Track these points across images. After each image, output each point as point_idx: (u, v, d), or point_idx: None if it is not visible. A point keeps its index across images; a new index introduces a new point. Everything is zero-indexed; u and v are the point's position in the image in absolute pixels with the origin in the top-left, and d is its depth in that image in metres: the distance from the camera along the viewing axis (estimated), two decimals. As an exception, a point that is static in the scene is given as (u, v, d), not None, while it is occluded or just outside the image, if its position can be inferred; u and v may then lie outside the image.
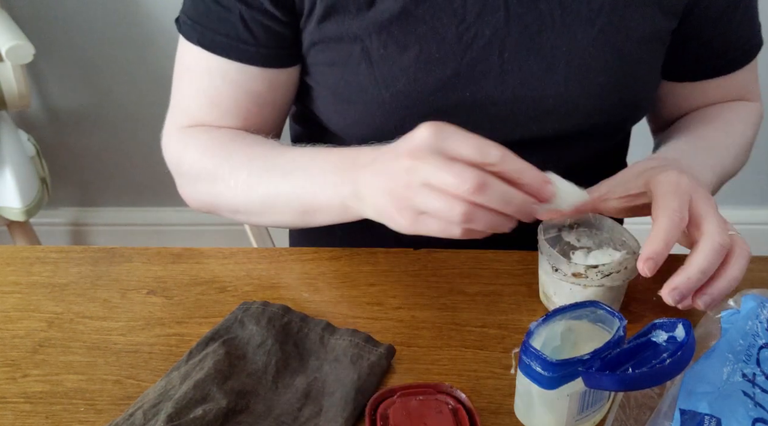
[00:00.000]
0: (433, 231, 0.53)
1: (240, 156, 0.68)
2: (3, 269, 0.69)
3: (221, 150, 0.69)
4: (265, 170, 0.66)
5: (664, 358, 0.44)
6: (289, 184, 0.64)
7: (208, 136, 0.71)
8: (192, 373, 0.54)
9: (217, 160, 0.69)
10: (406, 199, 0.52)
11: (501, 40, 0.67)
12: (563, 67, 0.68)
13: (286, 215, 0.66)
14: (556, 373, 0.47)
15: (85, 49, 1.69)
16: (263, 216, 0.68)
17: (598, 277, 0.58)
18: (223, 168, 0.68)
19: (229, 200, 0.68)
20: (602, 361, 0.47)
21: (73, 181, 1.90)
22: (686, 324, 0.46)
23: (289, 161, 0.65)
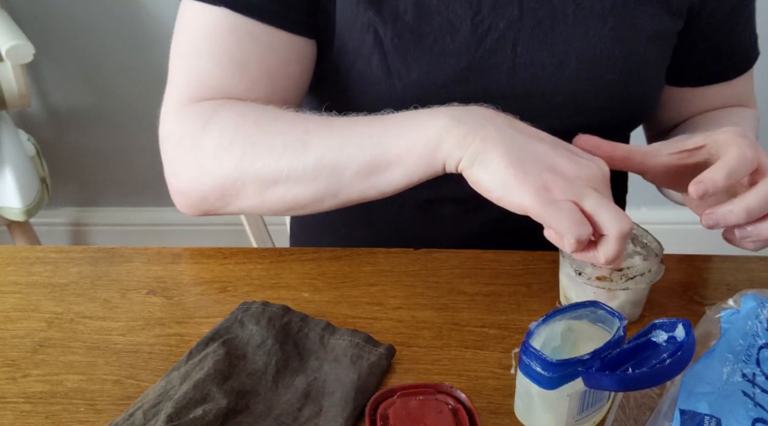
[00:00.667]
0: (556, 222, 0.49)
1: (287, 118, 0.60)
2: (3, 269, 0.68)
3: (261, 115, 0.61)
4: (325, 127, 0.58)
5: (664, 358, 0.44)
6: (356, 135, 0.56)
7: (242, 105, 0.62)
8: (192, 373, 0.54)
9: (257, 126, 0.60)
10: (571, 185, 0.50)
11: (514, 33, 0.67)
12: (574, 63, 0.68)
13: (346, 176, 0.57)
14: (556, 373, 0.47)
15: (85, 49, 1.69)
16: (315, 181, 0.58)
17: (623, 281, 0.57)
18: (264, 132, 0.59)
19: (269, 167, 0.58)
20: (602, 361, 0.47)
21: (73, 181, 1.90)
22: (686, 324, 0.46)
23: (352, 121, 0.59)
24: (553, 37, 0.67)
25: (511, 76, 0.68)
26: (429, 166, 0.54)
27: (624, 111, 0.73)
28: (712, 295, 0.66)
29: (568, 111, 0.70)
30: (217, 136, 0.61)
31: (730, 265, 0.70)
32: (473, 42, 0.67)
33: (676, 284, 0.67)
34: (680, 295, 0.66)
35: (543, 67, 0.68)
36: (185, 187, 0.64)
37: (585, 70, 0.68)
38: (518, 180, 0.49)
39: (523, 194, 0.49)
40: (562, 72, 0.68)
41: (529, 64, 0.68)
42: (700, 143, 0.56)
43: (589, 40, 0.67)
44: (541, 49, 0.67)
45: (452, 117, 0.53)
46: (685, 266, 0.70)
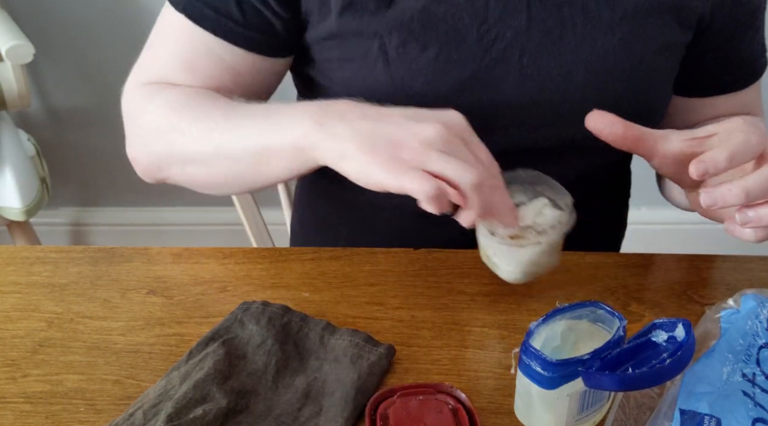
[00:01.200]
0: (410, 186, 0.52)
1: (206, 106, 0.66)
2: (3, 269, 0.68)
3: (188, 102, 0.67)
4: (227, 116, 0.64)
5: (664, 358, 0.44)
6: (244, 130, 0.62)
7: (179, 91, 0.69)
8: (192, 373, 0.54)
9: (181, 111, 0.67)
10: (418, 154, 0.53)
11: (522, 43, 0.66)
12: (582, 73, 0.67)
13: (238, 162, 0.63)
14: (556, 373, 0.47)
15: (85, 49, 1.69)
16: (214, 165, 0.65)
17: (534, 236, 0.59)
18: (183, 117, 0.66)
19: (183, 149, 0.66)
20: (602, 361, 0.47)
21: (73, 181, 1.90)
22: (686, 324, 0.46)
23: (256, 107, 0.64)
24: (561, 46, 0.67)
25: (518, 86, 0.68)
26: (306, 163, 0.59)
27: (631, 120, 0.72)
28: (711, 295, 0.66)
29: (574, 120, 0.69)
30: (153, 118, 0.68)
31: (730, 265, 0.70)
32: (479, 51, 0.66)
33: (676, 284, 0.67)
34: (680, 295, 0.66)
35: (550, 76, 0.67)
36: (134, 156, 0.73)
37: (592, 80, 0.68)
38: (371, 163, 0.53)
39: (378, 173, 0.53)
40: (569, 82, 0.68)
41: (536, 73, 0.67)
42: (712, 132, 0.56)
43: (597, 50, 0.67)
44: (549, 59, 0.67)
45: (312, 120, 0.57)
46: (685, 266, 0.70)
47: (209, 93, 0.68)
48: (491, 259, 0.62)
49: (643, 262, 0.69)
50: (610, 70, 0.68)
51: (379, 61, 0.67)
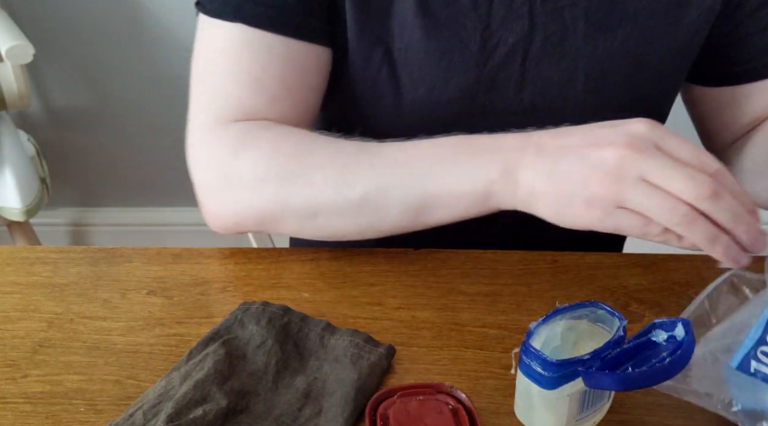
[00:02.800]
0: (627, 228, 0.50)
1: (325, 150, 0.59)
2: (3, 269, 0.68)
3: (296, 144, 0.60)
4: (367, 163, 0.58)
5: (664, 357, 0.44)
6: (403, 175, 0.56)
7: (274, 131, 0.62)
8: (192, 373, 0.54)
9: (294, 155, 0.59)
10: (611, 189, 0.49)
11: (524, 48, 0.66)
12: (582, 77, 0.67)
13: (391, 213, 0.58)
14: (556, 373, 0.47)
15: (85, 49, 1.69)
16: (357, 216, 0.59)
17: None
18: (302, 163, 0.59)
19: (309, 202, 0.59)
20: (602, 361, 0.47)
21: (73, 181, 1.90)
22: (686, 323, 0.46)
23: (398, 151, 0.58)
24: (562, 51, 0.66)
25: (519, 91, 0.67)
26: (480, 211, 0.57)
27: None
28: (712, 295, 0.66)
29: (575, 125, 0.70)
30: (251, 166, 0.60)
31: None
32: (482, 57, 0.66)
33: (676, 284, 0.67)
34: (680, 295, 0.66)
35: (551, 82, 0.67)
36: (220, 212, 0.64)
37: (593, 85, 0.67)
38: (566, 206, 0.52)
39: (579, 216, 0.52)
40: (570, 87, 0.67)
41: (537, 78, 0.67)
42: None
43: (597, 55, 0.66)
44: (550, 64, 0.67)
45: (496, 169, 0.54)
46: (685, 266, 0.70)
47: (313, 133, 0.62)
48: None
49: (643, 262, 0.69)
50: (611, 74, 0.67)
51: (384, 67, 0.66)
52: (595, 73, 0.67)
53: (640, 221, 0.50)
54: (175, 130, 2.00)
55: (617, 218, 0.50)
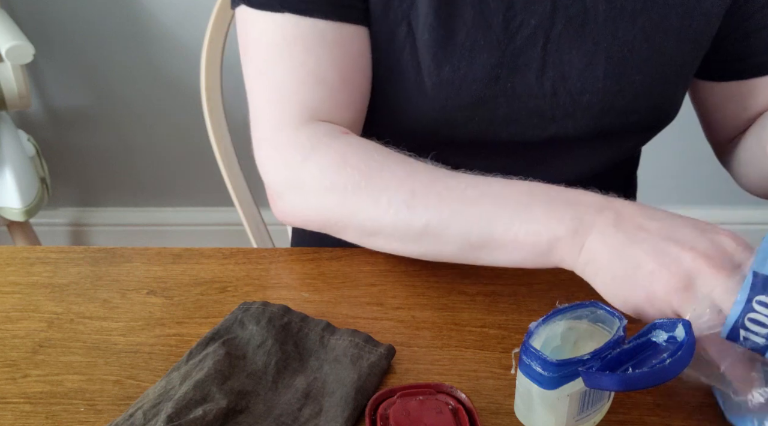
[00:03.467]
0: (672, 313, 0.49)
1: (395, 171, 0.59)
2: (3, 269, 0.69)
3: (366, 158, 0.60)
4: (435, 192, 0.57)
5: (664, 358, 0.44)
6: (469, 213, 0.56)
7: (345, 141, 0.62)
8: (192, 374, 0.54)
9: (361, 172, 0.59)
10: (674, 297, 0.48)
11: (545, 31, 0.66)
12: (603, 62, 0.67)
13: (448, 248, 0.58)
14: (556, 373, 0.47)
15: (85, 49, 1.69)
16: (416, 244, 0.59)
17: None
18: (370, 182, 0.59)
19: (371, 220, 0.59)
20: (602, 361, 0.47)
21: (73, 181, 1.90)
22: (686, 324, 0.46)
23: (470, 186, 0.57)
24: (583, 35, 0.67)
25: (540, 75, 0.68)
26: (538, 264, 0.55)
27: (649, 114, 0.72)
28: (712, 295, 0.65)
29: (594, 111, 0.70)
30: (318, 175, 0.61)
31: (730, 265, 0.70)
32: (504, 39, 0.66)
33: (676, 284, 0.67)
34: (680, 295, 0.66)
35: (572, 65, 0.67)
36: (288, 213, 0.65)
37: (613, 70, 0.68)
38: (623, 292, 0.51)
39: (630, 306, 0.51)
40: (590, 72, 0.68)
41: (557, 62, 0.67)
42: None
43: (618, 40, 0.67)
44: (571, 48, 0.67)
45: (565, 225, 0.53)
46: (685, 266, 0.70)
47: (382, 148, 0.62)
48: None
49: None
50: (630, 59, 0.68)
51: (406, 47, 0.66)
52: (614, 59, 0.67)
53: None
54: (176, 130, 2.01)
55: (662, 313, 0.50)
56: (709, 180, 1.69)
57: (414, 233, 0.58)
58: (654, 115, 0.73)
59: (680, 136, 1.18)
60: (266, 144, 0.65)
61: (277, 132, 0.64)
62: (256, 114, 0.66)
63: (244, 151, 1.02)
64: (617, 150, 0.78)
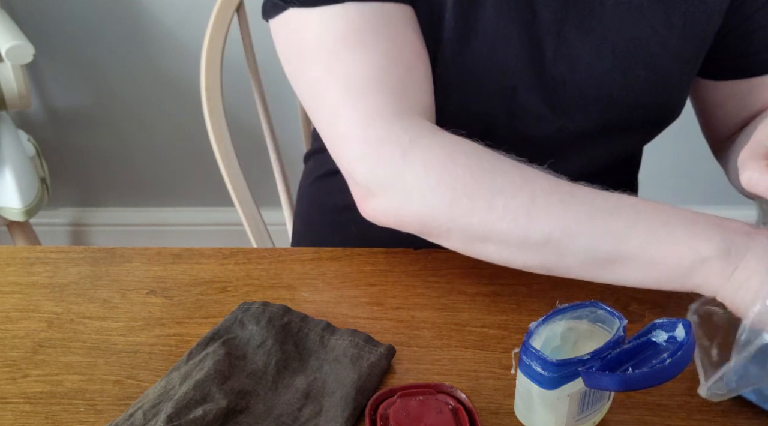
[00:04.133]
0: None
1: (510, 174, 0.55)
2: (3, 269, 0.69)
3: (476, 161, 0.56)
4: (558, 199, 0.53)
5: (664, 358, 0.44)
6: (599, 225, 0.52)
7: (448, 139, 0.58)
8: (192, 374, 0.54)
9: (471, 172, 0.55)
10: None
11: (558, 23, 0.67)
12: (609, 56, 0.68)
13: (570, 261, 0.54)
14: (556, 373, 0.47)
15: (85, 49, 1.69)
16: (533, 254, 0.55)
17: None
18: (482, 184, 0.55)
19: (483, 226, 0.54)
20: (602, 361, 0.47)
21: (73, 181, 1.90)
22: (686, 324, 0.46)
23: (599, 197, 0.53)
24: (592, 28, 0.67)
25: (551, 66, 0.68)
26: (672, 285, 0.52)
27: (653, 109, 0.73)
28: (712, 295, 0.66)
29: (600, 105, 0.70)
30: (423, 173, 0.56)
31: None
32: (522, 29, 0.66)
33: (676, 284, 0.67)
34: (680, 295, 0.65)
35: (580, 59, 0.68)
36: (382, 213, 0.60)
37: (619, 64, 0.68)
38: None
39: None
40: (598, 65, 0.68)
41: (567, 54, 0.68)
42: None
43: (625, 34, 0.68)
44: (580, 41, 0.68)
45: (715, 246, 0.49)
46: (685, 266, 0.70)
47: (486, 149, 0.57)
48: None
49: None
50: (637, 54, 0.68)
51: (431, 35, 0.65)
52: (621, 53, 0.68)
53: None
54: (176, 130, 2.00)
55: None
56: (709, 180, 1.69)
57: (533, 243, 0.54)
58: (658, 111, 0.74)
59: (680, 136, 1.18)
60: (354, 141, 0.59)
61: (366, 127, 0.58)
62: (333, 114, 0.60)
63: (244, 151, 1.02)
64: (621, 146, 0.78)
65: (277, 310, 0.60)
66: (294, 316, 0.60)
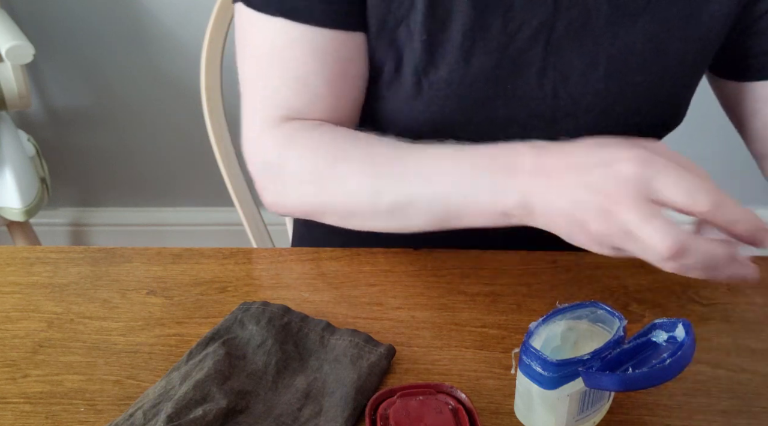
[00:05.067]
0: (632, 254, 0.50)
1: (359, 155, 0.63)
2: (3, 269, 0.69)
3: (334, 148, 0.64)
4: (396, 173, 0.60)
5: (664, 358, 0.44)
6: (429, 188, 0.59)
7: (318, 133, 0.65)
8: (192, 374, 0.54)
9: (330, 159, 0.63)
10: (603, 237, 0.50)
11: (546, 32, 0.66)
12: (604, 64, 0.67)
13: (419, 219, 0.61)
14: (556, 373, 0.47)
15: (85, 49, 1.69)
16: (389, 220, 0.62)
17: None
18: (338, 170, 0.63)
19: (345, 204, 0.63)
20: (602, 361, 0.47)
21: (73, 181, 1.90)
22: (686, 324, 0.46)
23: (424, 162, 0.60)
24: (584, 36, 0.66)
25: (541, 77, 0.67)
26: (499, 222, 0.57)
27: (653, 116, 0.71)
28: (712, 296, 0.66)
29: (595, 113, 0.69)
30: (294, 168, 0.65)
31: (730, 265, 0.69)
32: (503, 40, 0.65)
33: (676, 284, 0.67)
34: (680, 295, 0.66)
35: (572, 67, 0.67)
36: (273, 204, 0.68)
37: (614, 72, 0.67)
38: (575, 236, 0.52)
39: (587, 245, 0.52)
40: (591, 73, 0.67)
41: (558, 63, 0.67)
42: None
43: (619, 41, 0.66)
44: (572, 50, 0.66)
45: (513, 200, 0.54)
46: (685, 266, 0.70)
47: (352, 132, 0.65)
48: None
49: (644, 262, 0.69)
50: (633, 61, 0.67)
51: (406, 48, 0.66)
52: (616, 60, 0.67)
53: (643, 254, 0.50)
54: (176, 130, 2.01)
55: (619, 253, 0.51)
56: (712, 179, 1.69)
57: (384, 211, 0.61)
58: (658, 118, 0.72)
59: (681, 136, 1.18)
60: (252, 144, 0.68)
61: (261, 132, 0.67)
62: (245, 114, 0.69)
63: (244, 151, 1.02)
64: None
65: (277, 310, 0.60)
66: (294, 316, 0.60)
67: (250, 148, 0.69)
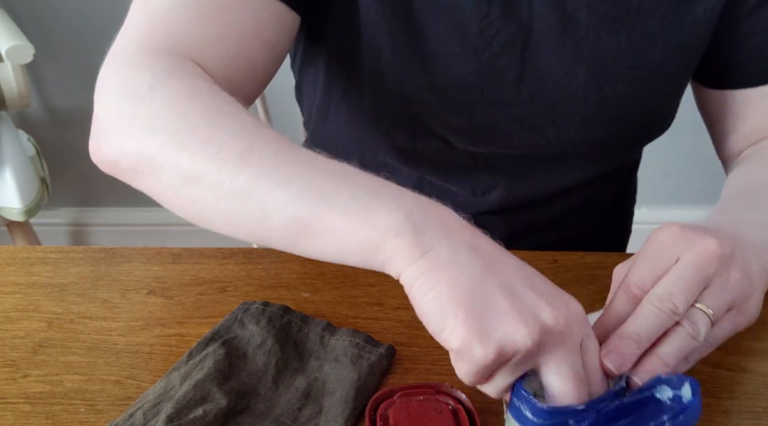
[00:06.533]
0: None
1: (242, 122, 0.51)
2: (3, 269, 0.68)
3: (216, 108, 0.52)
4: (275, 151, 0.49)
5: (663, 420, 0.41)
6: (303, 180, 0.47)
7: (203, 84, 0.53)
8: (192, 374, 0.54)
9: (203, 115, 0.51)
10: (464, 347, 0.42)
11: (523, 38, 0.65)
12: (584, 71, 0.66)
13: (268, 219, 0.48)
14: (547, 421, 0.42)
15: (85, 49, 1.69)
16: (232, 204, 0.50)
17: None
18: (209, 124, 0.51)
19: (193, 163, 0.50)
20: (598, 413, 0.43)
21: (73, 181, 1.90)
22: (694, 383, 0.42)
23: (314, 157, 0.49)
24: (564, 43, 0.65)
25: (518, 83, 0.67)
26: (363, 260, 0.47)
27: (636, 123, 0.70)
28: (712, 295, 0.65)
29: (575, 120, 0.68)
30: (159, 106, 0.52)
31: (731, 265, 0.69)
32: (480, 45, 0.65)
33: (677, 284, 0.67)
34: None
35: (550, 74, 0.66)
36: (108, 145, 0.57)
37: (594, 79, 0.66)
38: (457, 320, 0.41)
39: (455, 339, 0.41)
40: (570, 80, 0.66)
41: (536, 70, 0.66)
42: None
43: (600, 47, 0.65)
44: (550, 55, 0.65)
45: (408, 219, 0.44)
46: (685, 266, 0.70)
47: (237, 103, 0.53)
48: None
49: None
50: (613, 68, 0.66)
51: (384, 49, 0.65)
52: (596, 67, 0.66)
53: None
54: (175, 130, 1.95)
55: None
56: (709, 180, 1.69)
57: (236, 190, 0.48)
58: (642, 125, 0.71)
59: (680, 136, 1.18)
60: (119, 60, 0.57)
61: (135, 55, 0.56)
62: (122, 32, 0.58)
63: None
64: (607, 160, 0.76)
65: (277, 310, 0.60)
66: (294, 316, 0.60)
67: (115, 65, 0.57)
